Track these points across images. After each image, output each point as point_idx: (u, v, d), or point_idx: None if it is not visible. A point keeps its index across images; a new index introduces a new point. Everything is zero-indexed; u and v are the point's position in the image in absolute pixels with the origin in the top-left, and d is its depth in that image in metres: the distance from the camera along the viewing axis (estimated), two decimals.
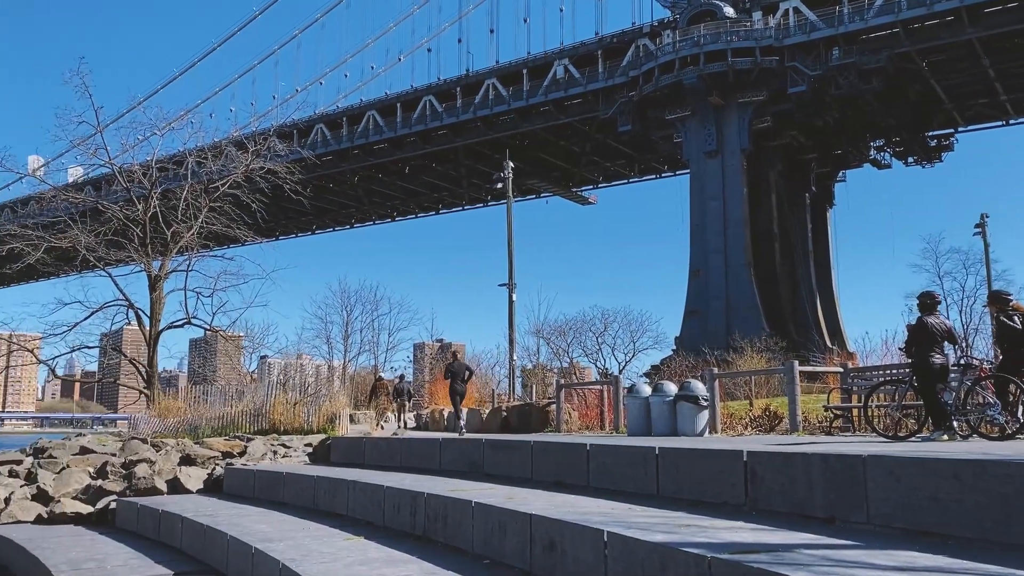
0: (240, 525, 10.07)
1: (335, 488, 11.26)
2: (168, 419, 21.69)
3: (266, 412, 19.42)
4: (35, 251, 26.19)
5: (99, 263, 27.06)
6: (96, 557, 10.90)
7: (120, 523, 13.61)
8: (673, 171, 75.58)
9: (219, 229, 28.47)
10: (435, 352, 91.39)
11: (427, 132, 74.07)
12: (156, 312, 26.93)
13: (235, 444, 17.05)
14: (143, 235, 27.04)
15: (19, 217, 52.78)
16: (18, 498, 15.00)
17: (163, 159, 30.26)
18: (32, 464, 17.20)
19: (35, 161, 38.30)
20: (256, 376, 35.70)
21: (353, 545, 8.50)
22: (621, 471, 8.45)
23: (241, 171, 28.90)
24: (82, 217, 28.61)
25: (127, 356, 30.25)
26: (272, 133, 32.22)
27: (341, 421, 18.55)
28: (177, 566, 10.02)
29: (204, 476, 15.09)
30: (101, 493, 14.72)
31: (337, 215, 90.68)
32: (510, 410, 18.84)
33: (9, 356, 54.79)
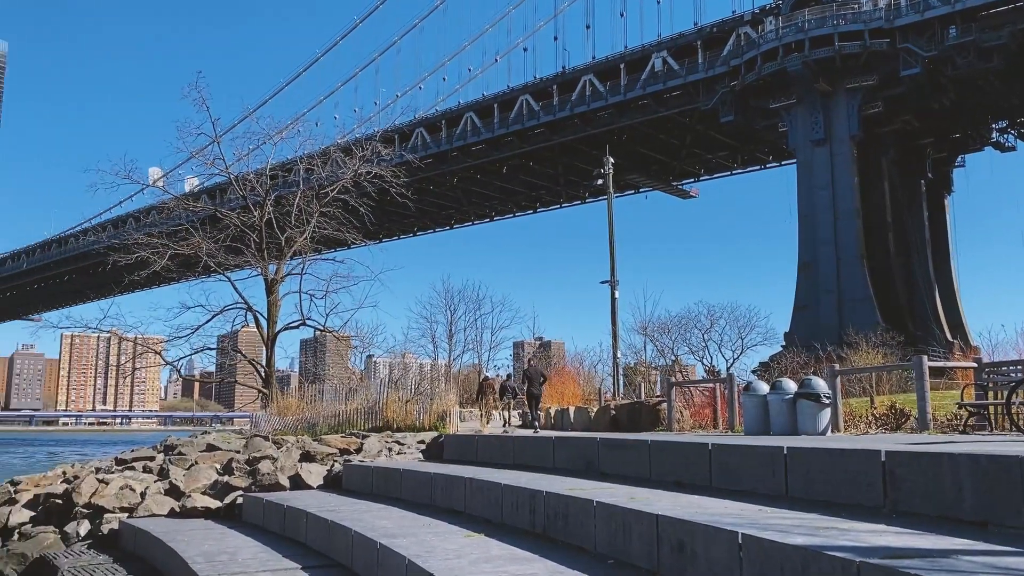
0: (362, 521, 10.31)
1: (451, 485, 11.40)
2: (287, 417, 22.47)
3: (379, 410, 19.87)
4: (160, 258, 27.65)
5: (219, 268, 28.36)
6: (227, 550, 11.36)
7: (247, 517, 14.15)
8: (778, 161, 73.44)
9: (330, 233, 29.37)
10: (535, 350, 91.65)
11: (524, 131, 74.38)
12: (273, 314, 28.00)
13: (351, 441, 17.50)
14: (259, 240, 28.17)
15: (143, 226, 55.90)
16: (152, 493, 15.82)
17: (275, 167, 31.44)
18: (163, 460, 18.12)
19: (155, 173, 40.34)
20: (363, 375, 36.61)
21: (474, 542, 8.58)
22: (746, 471, 8.22)
23: (349, 176, 29.72)
24: (202, 224, 30.06)
25: (247, 357, 31.54)
26: (377, 138, 32.98)
27: (451, 419, 18.80)
28: (304, 560, 10.33)
29: (324, 472, 15.54)
30: (228, 488, 15.34)
31: (437, 216, 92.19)
32: (619, 408, 18.68)
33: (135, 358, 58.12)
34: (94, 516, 15.23)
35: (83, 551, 13.94)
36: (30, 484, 18.55)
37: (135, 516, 14.92)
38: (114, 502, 15.39)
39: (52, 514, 16.21)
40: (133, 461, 18.84)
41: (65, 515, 15.87)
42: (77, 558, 13.35)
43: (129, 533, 14.02)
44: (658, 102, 67.00)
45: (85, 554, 13.67)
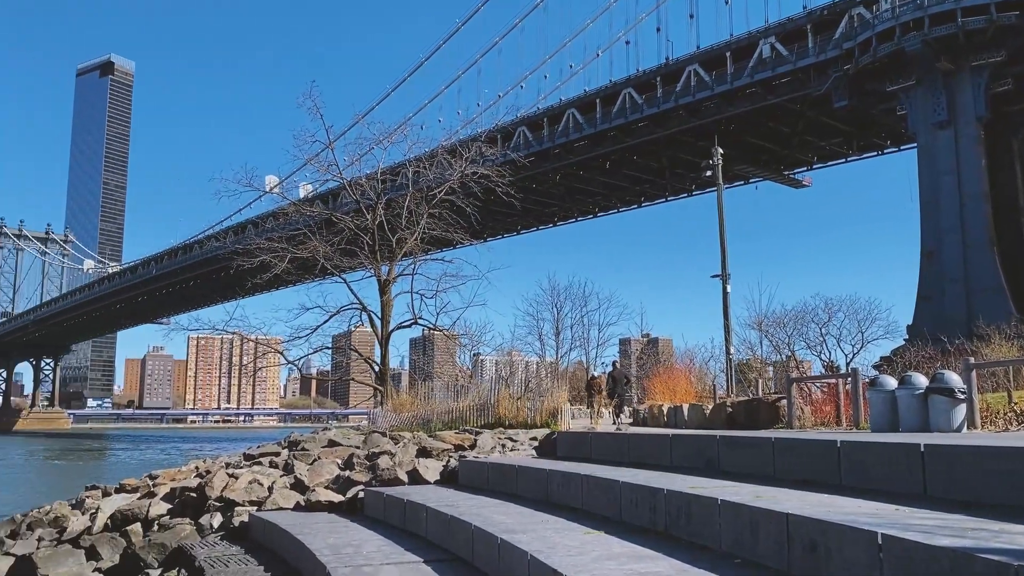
0: (481, 516, 10.42)
1: (568, 482, 11.38)
2: (402, 414, 23.00)
3: (491, 407, 20.07)
4: (280, 261, 28.83)
5: (335, 270, 29.35)
6: (352, 543, 11.71)
7: (368, 511, 14.54)
8: (897, 146, 70.10)
9: (438, 233, 29.92)
10: (643, 347, 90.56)
11: (627, 125, 73.59)
12: (386, 314, 28.76)
13: (465, 437, 17.74)
14: (372, 242, 28.99)
15: (262, 232, 58.40)
16: (279, 487, 16.49)
17: (385, 170, 32.25)
18: (288, 456, 18.88)
19: (272, 180, 42.00)
20: (471, 372, 37.07)
21: (595, 539, 8.53)
22: (878, 469, 7.86)
23: (456, 177, 30.18)
24: (318, 228, 31.14)
25: (363, 355, 32.50)
26: (481, 138, 33.35)
27: (563, 416, 18.80)
28: (425, 553, 10.52)
29: (440, 468, 15.81)
30: (349, 483, 15.82)
31: (540, 214, 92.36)
32: (735, 405, 18.22)
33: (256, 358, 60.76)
34: (225, 509, 16.00)
35: (217, 542, 14.66)
36: (166, 478, 19.68)
37: (263, 509, 15.58)
38: (244, 496, 16.12)
39: (187, 506, 17.11)
40: (260, 456, 19.70)
41: (199, 508, 16.73)
42: (212, 549, 14.04)
43: (258, 526, 14.65)
44: (767, 89, 65.03)
45: (219, 545, 14.37)
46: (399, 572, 9.55)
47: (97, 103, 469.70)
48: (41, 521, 19.30)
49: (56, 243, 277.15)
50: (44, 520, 19.31)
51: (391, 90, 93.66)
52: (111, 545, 16.14)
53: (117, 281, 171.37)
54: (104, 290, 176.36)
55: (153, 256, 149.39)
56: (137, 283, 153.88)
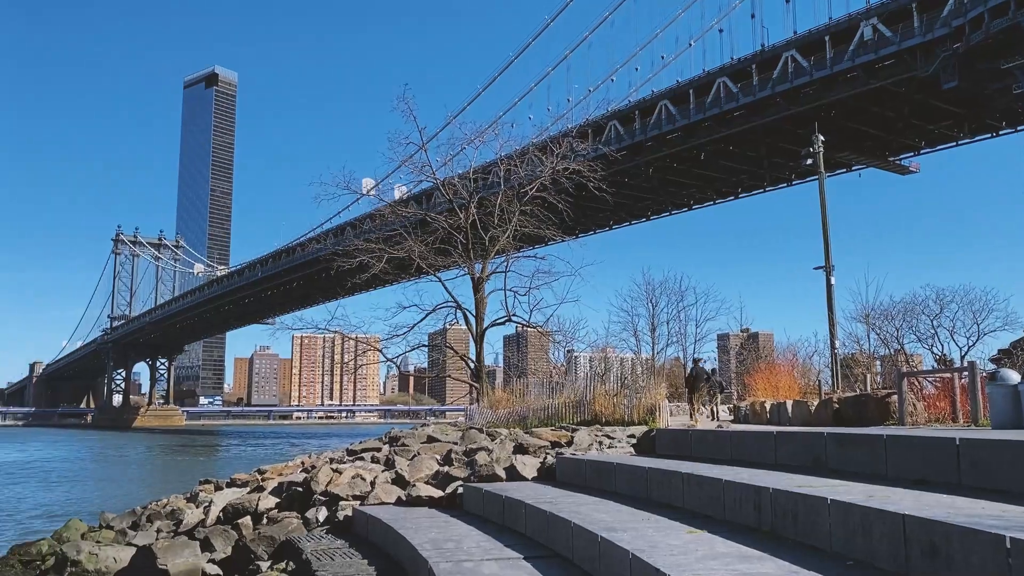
0: (580, 513, 10.35)
1: (668, 480, 11.19)
2: (498, 410, 23.14)
3: (587, 404, 19.95)
4: (377, 262, 29.48)
5: (430, 269, 29.81)
6: (452, 538, 11.83)
7: (467, 507, 14.67)
8: (1013, 127, 66.16)
9: (530, 230, 29.98)
10: (742, 342, 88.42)
11: (722, 115, 71.97)
12: (480, 311, 29.02)
13: (562, 434, 17.70)
14: (465, 241, 29.30)
15: (360, 233, 59.86)
16: (381, 482, 16.82)
17: (477, 169, 32.54)
18: (389, 451, 19.25)
19: (368, 183, 42.99)
20: (565, 369, 36.96)
21: (697, 538, 8.35)
22: (1003, 469, 7.41)
23: (547, 174, 30.16)
24: (413, 229, 31.67)
25: (458, 352, 32.90)
26: (573, 134, 33.22)
27: (661, 413, 18.51)
28: (525, 550, 10.53)
29: (537, 464, 15.81)
30: (448, 479, 16.00)
31: (633, 208, 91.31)
32: (843, 401, 17.55)
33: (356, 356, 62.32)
34: (330, 503, 16.43)
35: (322, 536, 15.07)
36: (274, 473, 20.39)
37: (366, 504, 15.93)
38: (347, 490, 16.52)
39: (294, 500, 17.67)
40: (362, 452, 20.17)
41: (305, 502, 17.25)
42: (318, 542, 14.44)
43: (362, 520, 14.98)
44: (869, 73, 62.43)
45: (324, 538, 14.77)
46: (499, 568, 9.58)
47: (203, 113, 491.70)
48: (159, 513, 20.31)
49: (168, 248, 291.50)
50: (162, 512, 20.32)
51: (481, 90, 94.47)
52: (224, 537, 16.82)
53: (225, 284, 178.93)
54: (213, 292, 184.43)
55: (258, 259, 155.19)
56: (244, 285, 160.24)
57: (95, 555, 17.23)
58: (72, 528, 20.82)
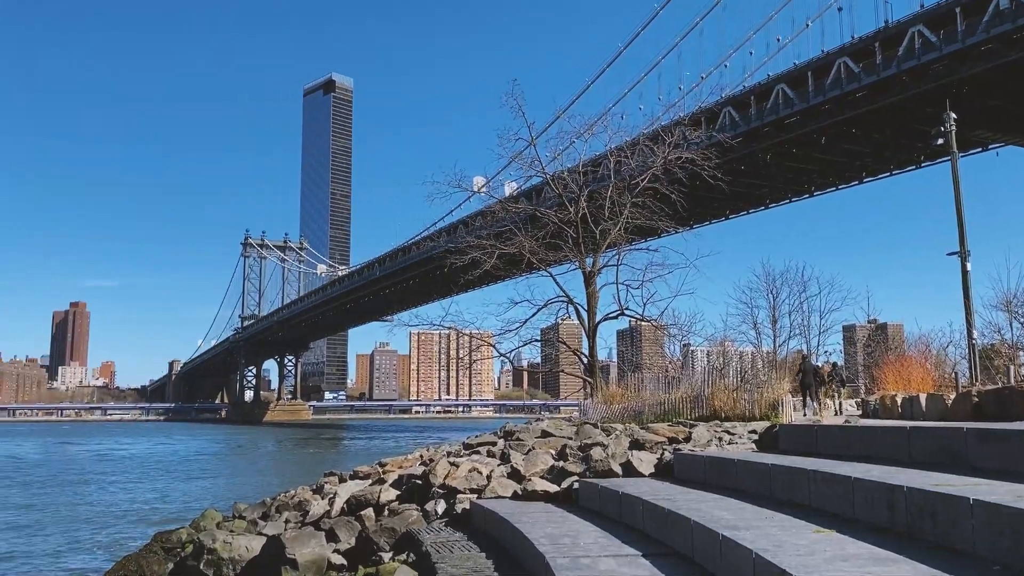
0: (700, 511, 10.08)
1: (792, 477, 10.75)
2: (612, 405, 22.90)
3: (705, 399, 19.47)
4: (489, 258, 29.70)
5: (540, 264, 29.79)
6: (568, 533, 11.76)
7: (583, 502, 14.57)
8: None
9: (642, 222, 29.52)
10: (870, 333, 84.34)
11: (843, 96, 68.77)
12: (592, 305, 28.79)
13: (679, 430, 17.33)
14: (576, 235, 29.11)
15: (472, 230, 60.59)
16: (497, 476, 16.93)
17: (587, 162, 32.26)
18: (504, 446, 19.36)
19: (479, 180, 43.44)
20: (682, 363, 36.24)
21: (826, 538, 7.96)
22: None
23: (659, 164, 29.62)
24: (523, 224, 31.74)
25: (571, 347, 32.77)
26: (685, 122, 32.47)
27: (784, 408, 17.85)
28: (643, 547, 10.35)
29: (654, 460, 15.54)
30: (563, 474, 15.93)
31: (750, 197, 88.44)
32: (983, 395, 16.38)
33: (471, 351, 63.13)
34: (448, 496, 16.67)
35: (441, 528, 15.31)
36: (394, 466, 20.86)
37: (483, 497, 16.07)
38: (464, 483, 16.71)
39: (413, 493, 18.02)
40: (478, 446, 20.38)
41: (424, 494, 17.56)
42: (437, 534, 14.67)
43: (479, 513, 15.12)
44: (1007, 45, 58.22)
45: (443, 531, 14.99)
46: (617, 565, 9.44)
47: (322, 119, 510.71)
48: (287, 504, 21.15)
49: (293, 250, 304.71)
50: (290, 504, 21.15)
51: (590, 82, 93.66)
52: (348, 528, 17.34)
53: (346, 283, 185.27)
54: (335, 292, 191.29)
55: (376, 258, 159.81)
56: (363, 284, 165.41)
57: (229, 544, 18.12)
58: (208, 517, 21.98)
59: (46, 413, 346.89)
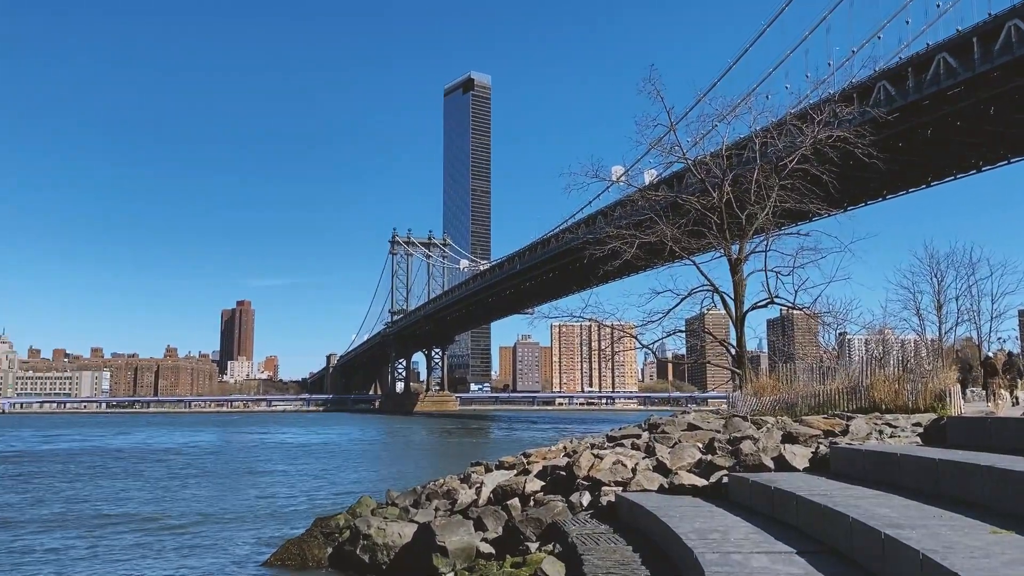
0: (859, 507, 9.54)
1: (963, 473, 9.98)
2: (763, 397, 22.09)
3: (863, 390, 18.42)
4: (629, 248, 29.28)
5: (683, 253, 29.06)
6: (718, 528, 11.42)
7: (732, 496, 14.13)
8: None
9: (791, 206, 28.23)
10: None
11: (1015, 62, 63.24)
12: (739, 294, 27.82)
13: (835, 423, 16.50)
14: (720, 221, 28.19)
15: (611, 221, 60.13)
16: (642, 469, 16.71)
17: (730, 146, 31.16)
18: (648, 439, 19.07)
19: (617, 170, 43.02)
20: (837, 353, 34.48)
21: (1004, 540, 7.32)
22: None
23: (808, 144, 28.24)
24: (664, 212, 31.07)
25: (717, 338, 31.86)
26: (836, 99, 30.79)
27: (952, 399, 16.62)
28: (797, 544, 9.90)
29: (808, 454, 14.86)
30: (712, 467, 15.52)
31: (908, 175, 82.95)
32: None
33: (613, 343, 62.69)
34: (592, 488, 16.60)
35: (587, 520, 15.26)
36: (538, 457, 21.01)
37: (628, 490, 15.90)
38: (609, 476, 16.60)
39: (557, 484, 18.07)
40: (622, 438, 20.19)
41: (568, 486, 17.57)
42: (582, 526, 14.64)
43: (624, 506, 14.96)
44: None
45: (589, 523, 14.94)
46: (770, 562, 9.07)
47: (461, 118, 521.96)
48: (436, 493, 21.74)
49: (437, 247, 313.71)
50: (439, 492, 21.72)
51: (732, 63, 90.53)
52: (495, 518, 17.62)
53: (488, 277, 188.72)
54: (477, 286, 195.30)
55: (516, 252, 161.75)
56: (504, 278, 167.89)
57: (383, 530, 18.82)
58: (363, 504, 22.91)
59: (217, 404, 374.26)
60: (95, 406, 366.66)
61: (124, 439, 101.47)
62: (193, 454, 70.13)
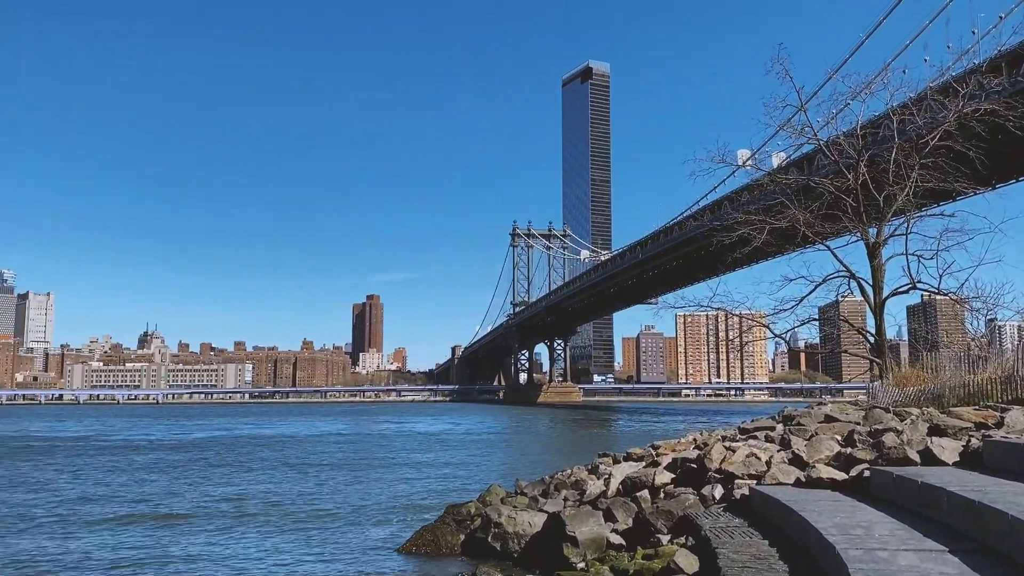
0: (1019, 504, 8.96)
1: None
2: (906, 388, 21.01)
3: (1019, 379, 17.20)
4: (759, 234, 28.36)
5: (816, 237, 27.90)
6: (860, 524, 10.97)
7: (874, 491, 13.53)
8: None
9: (933, 185, 26.60)
10: None
11: None
12: (877, 280, 26.48)
13: (988, 414, 15.50)
14: (855, 204, 26.89)
15: (738, 206, 58.47)
16: (776, 462, 16.22)
17: (865, 124, 29.64)
18: (783, 431, 18.50)
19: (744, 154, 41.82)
20: (987, 340, 32.28)
21: None
22: None
23: (951, 118, 26.53)
24: (795, 196, 29.91)
25: (854, 326, 30.45)
26: (982, 69, 28.79)
27: None
28: (949, 542, 9.40)
29: (958, 448, 14.03)
30: (852, 461, 14.89)
31: None
32: None
33: (741, 333, 61.06)
34: (725, 481, 16.27)
35: (720, 513, 14.98)
36: (667, 449, 20.77)
37: (762, 483, 15.49)
38: (742, 469, 16.22)
39: (688, 477, 17.82)
40: (755, 430, 19.68)
41: (699, 478, 17.29)
42: (715, 520, 14.38)
43: (759, 500, 14.59)
44: None
45: (722, 516, 14.65)
46: (919, 560, 8.65)
47: (580, 107, 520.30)
48: (564, 483, 21.86)
49: (557, 238, 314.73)
50: (567, 482, 21.84)
51: (864, 38, 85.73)
52: (624, 509, 17.55)
53: (608, 268, 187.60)
54: (598, 277, 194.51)
55: (638, 241, 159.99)
56: (626, 268, 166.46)
57: (513, 519, 19.10)
58: (493, 492, 23.32)
59: (350, 395, 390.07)
60: (239, 396, 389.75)
61: (270, 428, 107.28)
62: (334, 443, 73.38)
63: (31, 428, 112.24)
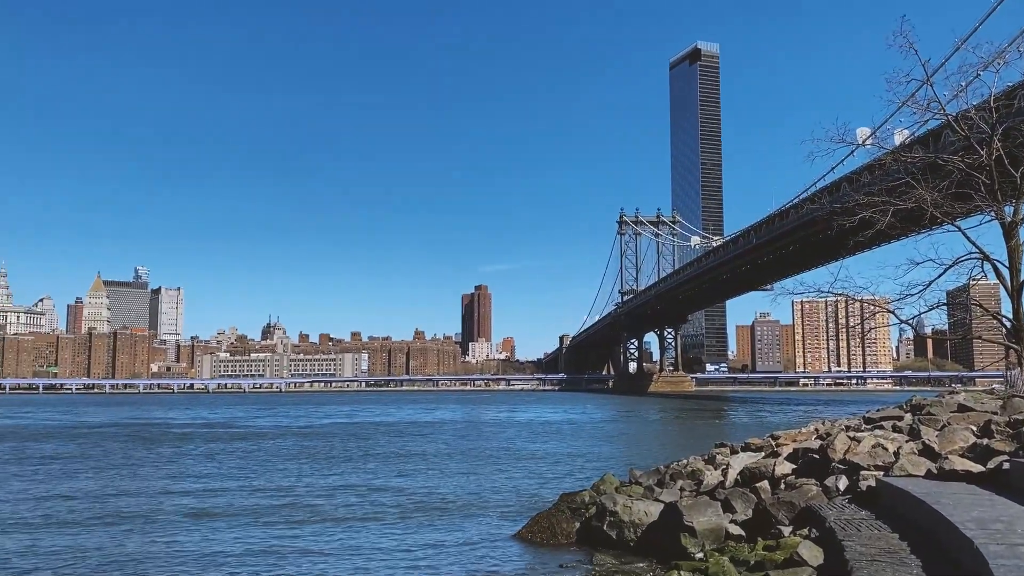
0: None
1: None
2: None
3: None
4: (882, 216, 27.06)
5: (945, 218, 26.40)
6: (1000, 519, 10.45)
7: (1014, 484, 12.84)
8: None
9: None
10: None
11: None
12: (1015, 261, 24.83)
13: None
14: (989, 181, 25.30)
15: (858, 187, 55.99)
16: (905, 453, 15.58)
17: (999, 96, 27.79)
18: (912, 420, 17.72)
19: (863, 132, 39.98)
20: None
21: None
22: None
23: None
24: (920, 175, 28.38)
25: (989, 311, 28.67)
26: None
27: None
28: None
29: None
30: (988, 452, 14.17)
31: None
32: None
33: (863, 320, 58.49)
34: (850, 472, 15.73)
35: (844, 505, 14.51)
36: (787, 439, 20.23)
37: (890, 475, 14.91)
38: (867, 460, 15.65)
39: (810, 467, 17.33)
40: (881, 420, 18.94)
41: (822, 469, 16.79)
42: (840, 511, 13.94)
43: (887, 491, 14.06)
44: None
45: (847, 508, 14.19)
46: None
47: (689, 90, 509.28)
48: (680, 473, 21.62)
49: (666, 224, 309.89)
50: (683, 472, 21.59)
51: (996, 3, 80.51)
52: (743, 500, 17.24)
53: (720, 254, 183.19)
54: (710, 263, 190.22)
55: (751, 226, 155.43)
56: (739, 254, 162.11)
57: (628, 508, 19.05)
58: (607, 481, 23.32)
59: (461, 383, 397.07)
60: (356, 385, 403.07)
61: (389, 416, 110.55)
62: (449, 431, 74.93)
63: (203, 415, 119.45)
